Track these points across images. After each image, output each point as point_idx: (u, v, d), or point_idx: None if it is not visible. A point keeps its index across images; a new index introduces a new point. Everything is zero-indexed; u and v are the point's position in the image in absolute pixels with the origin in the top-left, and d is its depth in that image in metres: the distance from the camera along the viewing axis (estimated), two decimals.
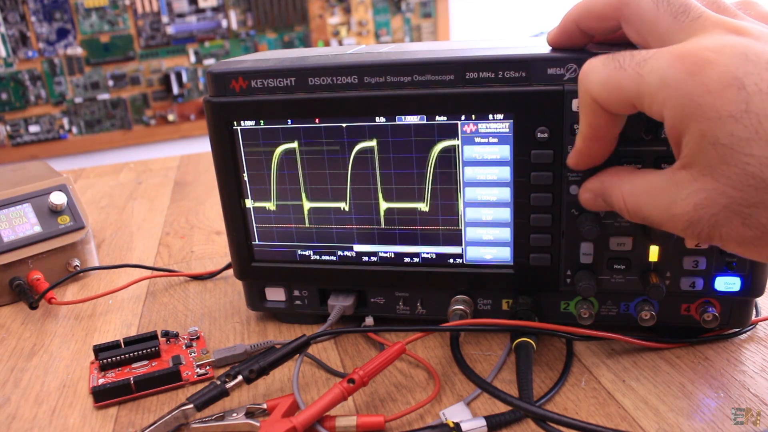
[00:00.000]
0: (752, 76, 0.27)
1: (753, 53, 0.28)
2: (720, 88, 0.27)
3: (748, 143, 0.27)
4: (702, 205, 0.29)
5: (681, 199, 0.30)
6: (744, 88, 0.27)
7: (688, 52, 0.28)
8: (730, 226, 0.29)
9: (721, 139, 0.27)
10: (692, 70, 0.28)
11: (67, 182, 0.63)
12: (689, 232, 0.30)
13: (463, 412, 0.39)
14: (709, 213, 0.29)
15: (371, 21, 2.47)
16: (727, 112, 0.27)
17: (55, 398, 0.45)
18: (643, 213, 0.33)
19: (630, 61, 0.31)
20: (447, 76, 0.41)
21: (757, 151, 0.27)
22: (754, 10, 0.34)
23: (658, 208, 0.32)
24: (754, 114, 0.27)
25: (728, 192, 0.28)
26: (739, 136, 0.27)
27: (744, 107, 0.27)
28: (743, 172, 0.27)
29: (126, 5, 2.23)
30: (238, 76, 0.44)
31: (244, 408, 0.41)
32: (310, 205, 0.47)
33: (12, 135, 2.25)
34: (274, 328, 0.51)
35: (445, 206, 0.44)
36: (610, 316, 0.45)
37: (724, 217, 0.29)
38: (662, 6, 0.32)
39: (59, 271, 0.62)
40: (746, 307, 0.43)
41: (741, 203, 0.28)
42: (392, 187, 0.45)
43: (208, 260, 0.66)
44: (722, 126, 0.27)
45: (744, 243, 0.29)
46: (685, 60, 0.28)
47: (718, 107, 0.27)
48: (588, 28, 0.37)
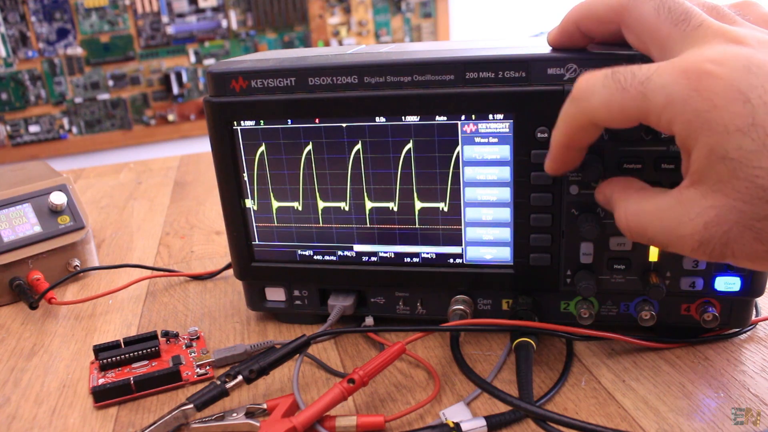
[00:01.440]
0: (756, 89, 0.27)
1: (755, 65, 0.27)
2: (725, 102, 0.27)
3: (756, 156, 0.27)
4: (713, 222, 0.29)
5: (690, 219, 0.29)
6: (749, 101, 0.27)
7: (691, 67, 0.28)
8: (743, 242, 0.28)
9: (730, 153, 0.27)
10: (696, 86, 0.28)
11: (67, 182, 0.63)
12: (700, 252, 0.30)
13: (463, 412, 0.39)
14: (720, 231, 0.28)
15: (371, 21, 2.47)
16: (734, 126, 0.27)
17: (55, 398, 0.45)
18: (647, 234, 0.32)
19: (632, 81, 0.30)
20: (447, 76, 0.41)
21: (766, 164, 0.27)
22: (754, 12, 0.34)
23: (665, 228, 0.31)
24: (760, 127, 0.27)
25: (739, 207, 0.28)
26: (747, 149, 0.27)
27: (750, 120, 0.27)
28: (753, 185, 0.27)
29: (126, 5, 2.23)
30: (238, 76, 0.44)
31: (244, 408, 0.41)
32: (310, 204, 0.46)
33: (12, 135, 2.25)
34: (274, 328, 0.51)
35: (444, 206, 0.44)
36: (610, 316, 0.45)
37: (736, 233, 0.28)
38: (663, 13, 0.32)
39: (59, 271, 0.62)
40: (746, 307, 0.43)
41: (752, 217, 0.28)
42: (392, 187, 0.45)
43: (208, 260, 0.66)
44: (730, 140, 0.27)
45: (756, 258, 0.29)
46: (689, 75, 0.28)
47: (725, 122, 0.27)
48: (588, 30, 0.37)
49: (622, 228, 0.34)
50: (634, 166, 0.39)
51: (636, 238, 0.33)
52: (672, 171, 0.39)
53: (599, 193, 0.38)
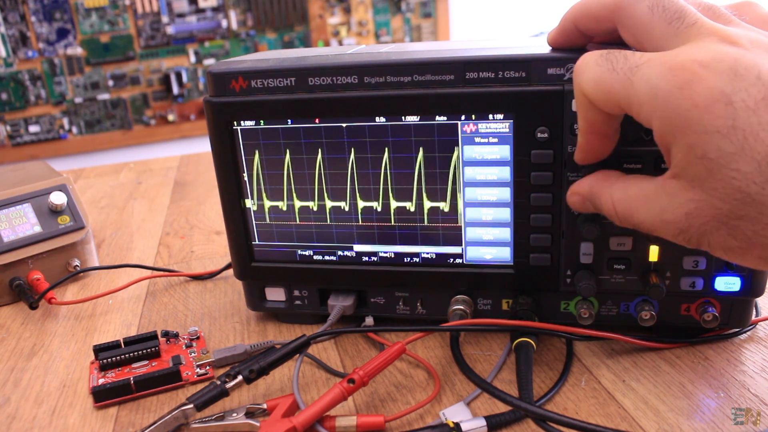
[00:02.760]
0: (740, 92, 0.27)
1: (743, 67, 0.28)
2: (708, 103, 0.27)
3: (734, 158, 0.27)
4: (692, 214, 0.30)
5: (672, 207, 0.30)
6: (731, 103, 0.27)
7: (680, 65, 0.29)
8: (718, 236, 0.29)
9: (708, 153, 0.28)
10: (681, 85, 0.28)
11: (67, 182, 0.63)
12: (680, 238, 0.31)
13: (463, 412, 0.39)
14: (698, 222, 0.30)
15: (371, 21, 2.47)
16: (714, 127, 0.27)
17: (55, 398, 0.45)
18: (634, 219, 0.33)
19: (623, 65, 0.31)
20: (447, 76, 0.41)
21: (743, 167, 0.27)
22: (752, 13, 0.34)
23: (651, 214, 0.32)
24: (740, 130, 0.27)
25: (716, 204, 0.28)
26: (725, 151, 0.27)
27: (731, 123, 0.27)
28: (729, 186, 0.28)
29: (126, 5, 2.23)
30: (238, 76, 0.44)
31: (244, 408, 0.41)
32: (310, 204, 0.47)
33: (12, 135, 2.25)
34: (274, 328, 0.51)
35: (444, 206, 0.44)
36: (610, 316, 0.45)
37: (712, 227, 0.29)
38: (657, 11, 0.32)
39: (59, 271, 0.62)
40: (746, 307, 0.43)
41: (728, 215, 0.28)
42: (392, 187, 0.45)
43: (208, 260, 0.66)
44: (709, 140, 0.28)
45: (729, 251, 0.30)
46: (676, 73, 0.28)
47: (705, 122, 0.28)
48: (586, 29, 0.37)
49: (610, 214, 0.35)
50: (634, 166, 0.39)
51: (623, 223, 0.34)
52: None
53: (572, 194, 0.38)
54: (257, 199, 0.47)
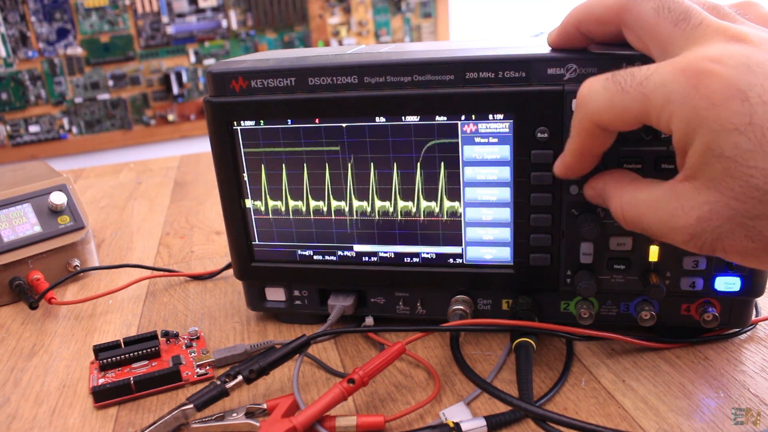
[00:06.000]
0: (755, 87, 0.27)
1: (755, 63, 0.27)
2: (723, 100, 0.27)
3: (752, 155, 0.27)
4: (706, 218, 0.29)
5: (683, 212, 0.30)
6: (747, 99, 0.27)
7: (690, 64, 0.28)
8: (733, 239, 0.29)
9: (726, 151, 0.27)
10: (695, 83, 0.28)
11: (67, 182, 0.63)
12: (691, 244, 0.30)
13: (463, 412, 0.39)
14: (712, 225, 0.29)
15: (371, 21, 2.47)
16: (732, 124, 0.27)
17: (55, 398, 0.45)
18: (642, 224, 0.33)
19: (631, 82, 0.30)
20: (447, 76, 0.41)
21: (761, 164, 0.27)
22: (754, 12, 0.34)
23: (659, 220, 0.31)
24: (757, 126, 0.27)
25: (732, 204, 0.28)
26: (743, 148, 0.27)
27: (748, 119, 0.27)
28: (747, 184, 0.27)
29: (126, 5, 2.22)
30: (238, 76, 0.44)
31: (244, 408, 0.41)
32: (310, 204, 0.46)
33: (12, 135, 2.25)
34: (274, 328, 0.51)
35: (444, 206, 0.44)
36: (610, 316, 0.45)
37: (728, 230, 0.28)
38: (663, 13, 0.31)
39: (59, 271, 0.62)
40: (746, 307, 0.43)
41: (744, 215, 0.28)
42: (392, 187, 0.45)
43: (208, 260, 0.66)
44: (726, 138, 0.27)
45: (746, 254, 0.29)
46: (688, 73, 0.28)
47: (722, 120, 0.27)
48: (588, 32, 0.37)
49: (618, 218, 0.35)
50: (634, 166, 0.39)
51: (631, 227, 0.34)
52: (672, 171, 0.39)
53: (589, 188, 0.38)
54: (257, 199, 0.47)
